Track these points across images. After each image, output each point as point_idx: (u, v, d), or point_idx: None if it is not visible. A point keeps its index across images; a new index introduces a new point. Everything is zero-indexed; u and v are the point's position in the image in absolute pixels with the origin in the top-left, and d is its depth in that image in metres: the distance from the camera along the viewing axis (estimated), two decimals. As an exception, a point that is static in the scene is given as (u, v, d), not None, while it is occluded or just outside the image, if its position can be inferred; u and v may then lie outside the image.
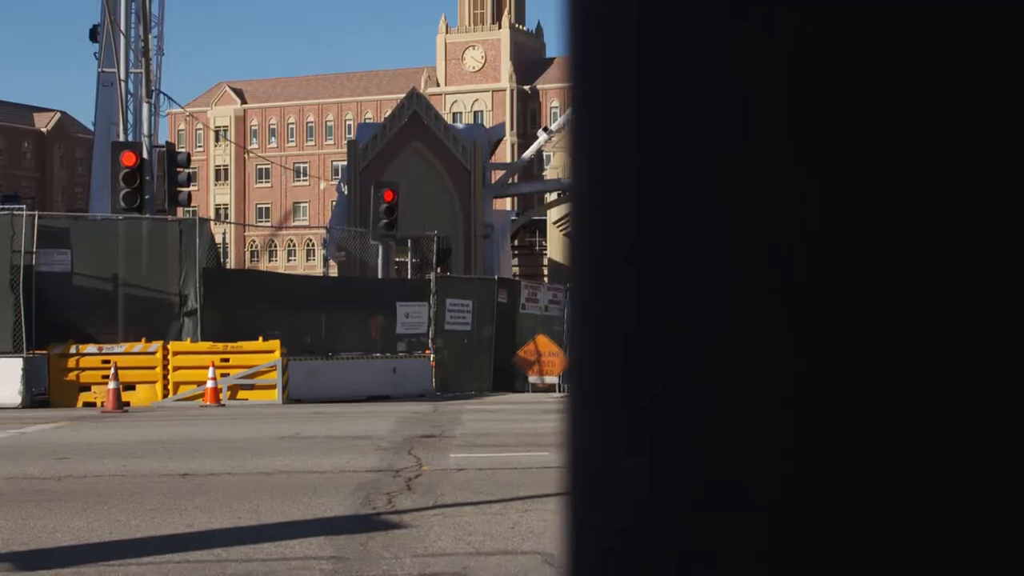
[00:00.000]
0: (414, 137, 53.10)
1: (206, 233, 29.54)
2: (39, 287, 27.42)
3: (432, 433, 18.18)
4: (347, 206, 51.56)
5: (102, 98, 39.76)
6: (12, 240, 27.29)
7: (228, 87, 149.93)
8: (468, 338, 33.93)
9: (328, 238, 41.95)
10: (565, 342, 35.07)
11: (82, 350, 27.21)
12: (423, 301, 32.88)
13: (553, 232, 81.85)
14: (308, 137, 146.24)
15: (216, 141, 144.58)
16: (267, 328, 28.44)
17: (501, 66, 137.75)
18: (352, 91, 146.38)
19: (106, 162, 34.28)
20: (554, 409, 25.27)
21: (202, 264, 28.80)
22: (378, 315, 32.29)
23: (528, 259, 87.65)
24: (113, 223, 29.61)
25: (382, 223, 35.26)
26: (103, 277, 28.69)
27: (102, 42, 38.38)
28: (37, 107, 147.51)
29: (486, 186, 53.56)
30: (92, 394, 26.82)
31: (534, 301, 35.74)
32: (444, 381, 32.58)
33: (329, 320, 31.42)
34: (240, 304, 29.27)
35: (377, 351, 31.59)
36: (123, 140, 34.87)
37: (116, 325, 28.54)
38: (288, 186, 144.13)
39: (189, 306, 28.69)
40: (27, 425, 20.33)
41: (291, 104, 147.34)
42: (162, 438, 17.77)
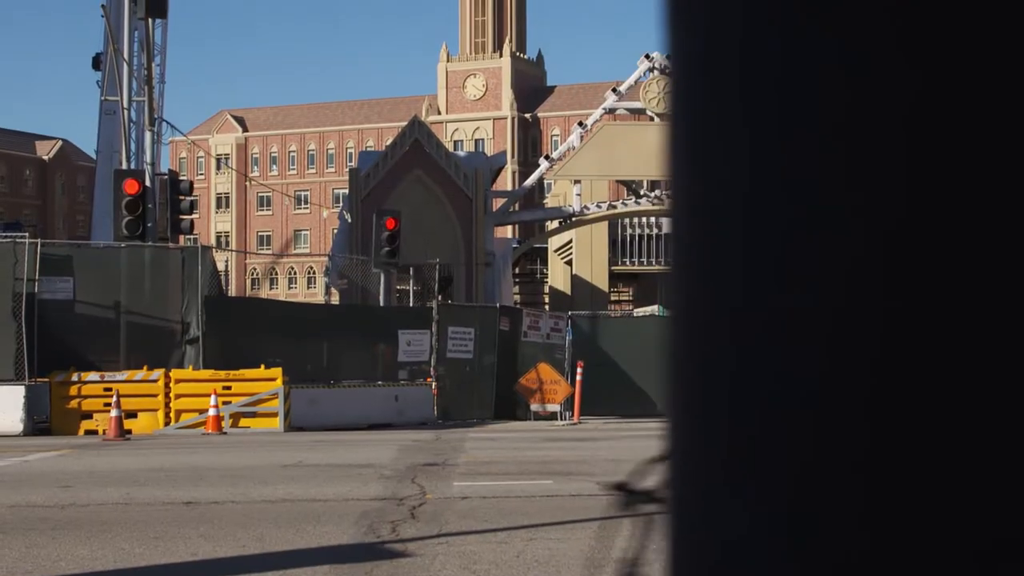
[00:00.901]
0: (416, 165, 53.13)
1: (208, 261, 29.54)
2: (41, 314, 27.41)
3: (435, 461, 18.15)
4: (349, 234, 51.58)
5: (104, 126, 39.81)
6: (15, 268, 27.29)
7: (229, 115, 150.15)
8: (470, 366, 33.88)
9: (330, 266, 41.96)
10: (566, 370, 35.08)
11: (84, 378, 27.18)
12: (425, 329, 32.85)
13: (554, 260, 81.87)
14: (309, 165, 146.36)
15: (217, 169, 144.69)
16: (269, 356, 28.42)
17: (502, 94, 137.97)
18: (353, 119, 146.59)
19: (108, 190, 34.30)
20: (557, 437, 25.24)
21: (204, 292, 28.80)
22: (382, 343, 32.27)
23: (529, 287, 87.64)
24: (115, 251, 29.61)
25: (384, 251, 35.26)
26: (105, 305, 28.68)
27: (105, 70, 38.44)
28: (39, 135, 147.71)
29: (487, 214, 53.58)
30: (94, 422, 26.78)
31: (536, 329, 35.68)
32: (446, 409, 32.53)
33: (331, 348, 31.41)
34: (242, 332, 29.26)
35: (379, 379, 31.56)
36: (125, 168, 34.90)
37: (118, 353, 28.52)
38: (289, 214, 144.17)
39: (191, 334, 28.67)
40: (29, 453, 20.30)
41: (292, 132, 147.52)
42: (165, 466, 17.75)
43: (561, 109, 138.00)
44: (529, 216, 65.03)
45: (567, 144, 55.01)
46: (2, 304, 27.23)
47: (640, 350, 36.74)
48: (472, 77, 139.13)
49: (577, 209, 54.05)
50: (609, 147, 53.24)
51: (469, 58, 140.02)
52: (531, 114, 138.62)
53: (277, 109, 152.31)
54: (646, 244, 77.35)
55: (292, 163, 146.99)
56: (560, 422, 32.16)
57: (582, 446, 21.88)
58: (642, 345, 37.06)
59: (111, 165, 38.01)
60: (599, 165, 53.67)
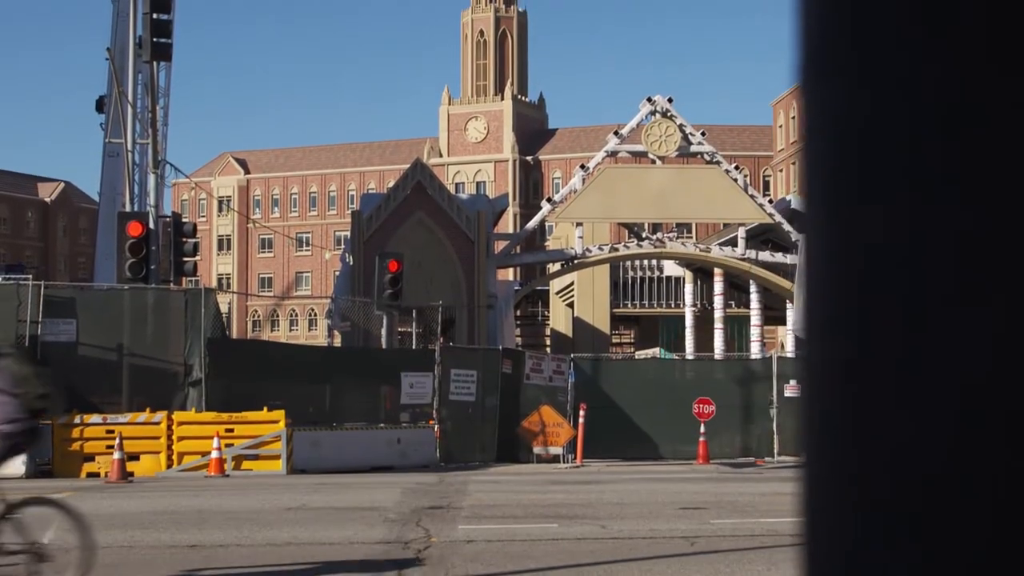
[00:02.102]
0: (418, 207, 53.18)
1: (212, 303, 29.53)
2: (44, 357, 27.36)
3: (439, 504, 18.09)
4: (351, 276, 51.58)
5: (108, 168, 39.93)
6: (18, 309, 27.30)
7: (232, 157, 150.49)
8: (472, 408, 33.82)
9: (333, 308, 41.95)
10: (569, 412, 35.01)
11: (86, 420, 27.13)
12: (427, 371, 32.80)
13: (556, 302, 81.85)
14: (311, 207, 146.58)
15: (219, 211, 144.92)
16: (272, 398, 28.37)
17: (504, 137, 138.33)
18: (355, 162, 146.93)
19: (111, 232, 34.36)
20: (560, 480, 25.17)
21: (207, 334, 28.78)
22: (384, 386, 32.22)
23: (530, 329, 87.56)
24: (118, 293, 29.63)
25: (387, 293, 35.26)
26: (108, 347, 28.67)
27: (109, 113, 38.60)
28: (41, 177, 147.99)
29: (489, 256, 53.58)
30: (96, 464, 26.71)
31: (538, 371, 35.63)
32: (448, 452, 32.46)
33: (334, 390, 31.38)
34: (245, 374, 29.23)
35: (381, 421, 31.51)
36: (129, 210, 34.98)
37: (120, 395, 28.50)
38: (291, 256, 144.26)
39: (194, 376, 28.63)
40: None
41: (294, 174, 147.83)
42: (168, 509, 17.69)
43: (562, 152, 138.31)
44: (531, 258, 65.06)
45: (569, 187, 55.05)
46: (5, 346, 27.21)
47: (642, 393, 36.70)
48: (474, 120, 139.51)
49: (579, 251, 54.06)
50: (611, 190, 53.29)
51: (471, 101, 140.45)
52: (532, 156, 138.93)
53: (279, 151, 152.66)
54: (647, 287, 77.35)
55: (294, 205, 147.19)
56: (563, 465, 32.07)
57: (586, 489, 21.81)
58: (644, 388, 37.02)
59: (114, 207, 38.11)
60: (601, 208, 53.71)
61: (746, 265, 55.29)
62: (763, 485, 23.31)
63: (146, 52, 32.45)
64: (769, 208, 54.94)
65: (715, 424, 35.23)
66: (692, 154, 54.79)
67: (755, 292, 64.75)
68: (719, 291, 68.66)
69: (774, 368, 37.16)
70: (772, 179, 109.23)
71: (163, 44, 31.74)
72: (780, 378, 36.81)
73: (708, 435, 34.56)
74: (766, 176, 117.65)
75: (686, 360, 50.93)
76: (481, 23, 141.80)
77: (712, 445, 34.78)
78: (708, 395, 35.52)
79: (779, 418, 36.44)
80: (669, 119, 53.61)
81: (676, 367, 42.49)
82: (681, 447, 35.62)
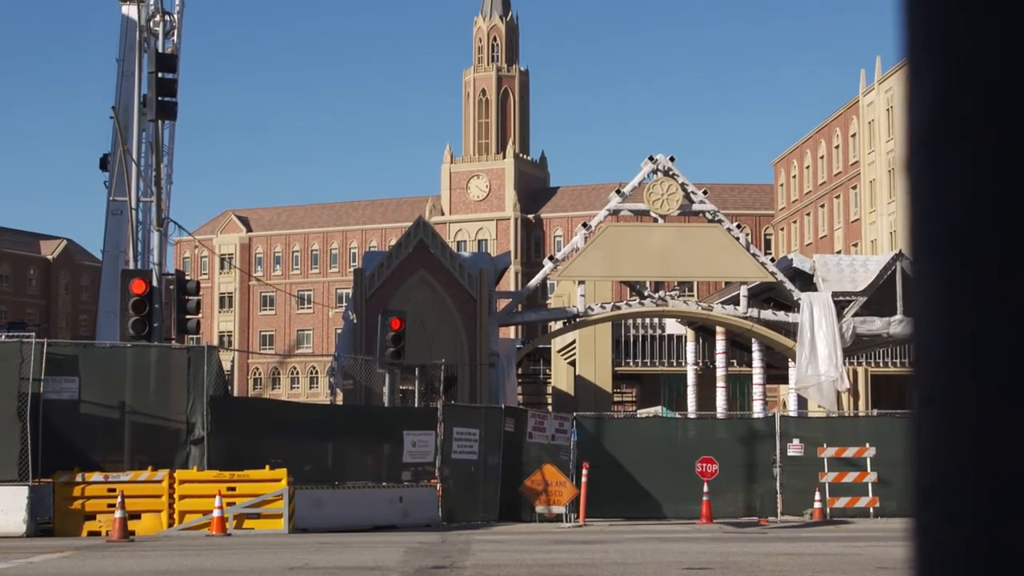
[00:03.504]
0: (420, 265, 53.23)
1: (214, 361, 29.49)
2: (46, 414, 27.34)
3: (443, 564, 18.00)
4: (353, 334, 51.57)
5: (111, 226, 39.98)
6: (20, 367, 27.25)
7: (234, 215, 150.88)
8: (475, 467, 33.75)
9: (335, 366, 41.88)
10: (571, 471, 34.91)
11: (88, 478, 27.05)
12: (430, 430, 32.74)
13: (557, 360, 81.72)
14: (313, 265, 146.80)
15: (221, 268, 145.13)
16: (274, 456, 28.30)
17: (505, 195, 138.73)
18: (357, 219, 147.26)
19: (114, 289, 34.40)
20: (563, 540, 25.05)
21: (210, 392, 28.73)
22: (386, 444, 32.16)
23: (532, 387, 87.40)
24: (121, 350, 29.62)
25: (389, 351, 35.24)
26: (110, 405, 28.61)
27: (113, 171, 38.72)
28: (44, 235, 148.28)
29: (491, 314, 53.57)
30: (97, 523, 26.62)
31: (541, 430, 35.58)
32: (451, 511, 32.35)
33: (336, 448, 31.31)
34: (247, 432, 29.18)
35: (384, 480, 31.42)
36: (132, 268, 35.01)
37: (122, 453, 28.42)
38: (292, 314, 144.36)
39: (196, 434, 28.56)
40: (33, 555, 20.16)
41: (296, 232, 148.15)
42: (171, 568, 17.61)
43: (564, 210, 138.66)
44: (533, 317, 65.04)
45: (571, 245, 55.10)
46: (7, 404, 27.14)
47: (645, 452, 36.64)
48: (475, 178, 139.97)
49: (581, 310, 54.05)
50: (613, 248, 53.35)
51: (472, 159, 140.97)
52: (534, 215, 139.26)
53: (281, 209, 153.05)
54: (649, 345, 77.27)
55: (296, 263, 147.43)
56: (566, 524, 31.95)
57: (590, 549, 21.71)
58: (647, 447, 36.96)
59: (117, 265, 38.15)
60: (603, 266, 53.75)
61: (748, 323, 55.25)
62: (768, 545, 23.20)
63: (151, 111, 32.65)
64: (771, 267, 54.97)
65: (718, 483, 35.11)
66: (694, 213, 54.90)
67: (757, 351, 64.65)
68: (721, 349, 68.55)
69: (777, 427, 37.09)
70: (773, 238, 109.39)
71: (168, 103, 31.94)
72: (783, 437, 36.74)
73: (711, 494, 34.44)
74: (767, 235, 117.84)
75: (688, 419, 50.81)
76: (483, 82, 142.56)
77: (715, 504, 34.65)
78: (711, 454, 35.44)
79: (782, 477, 36.32)
80: (671, 178, 53.75)
81: (678, 426, 42.42)
82: (684, 506, 35.51)
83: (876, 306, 54.89)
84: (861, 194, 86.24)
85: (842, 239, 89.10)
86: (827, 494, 36.03)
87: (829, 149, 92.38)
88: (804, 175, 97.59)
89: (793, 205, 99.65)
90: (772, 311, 55.42)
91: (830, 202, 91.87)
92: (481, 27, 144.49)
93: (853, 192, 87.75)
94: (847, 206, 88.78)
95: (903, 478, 36.61)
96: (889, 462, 36.31)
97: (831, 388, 52.74)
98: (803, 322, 53.22)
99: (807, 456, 36.31)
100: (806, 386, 53.45)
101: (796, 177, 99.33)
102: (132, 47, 40.31)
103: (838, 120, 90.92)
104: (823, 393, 52.73)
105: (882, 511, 36.17)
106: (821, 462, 36.02)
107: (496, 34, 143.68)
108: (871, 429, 38.73)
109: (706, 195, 54.85)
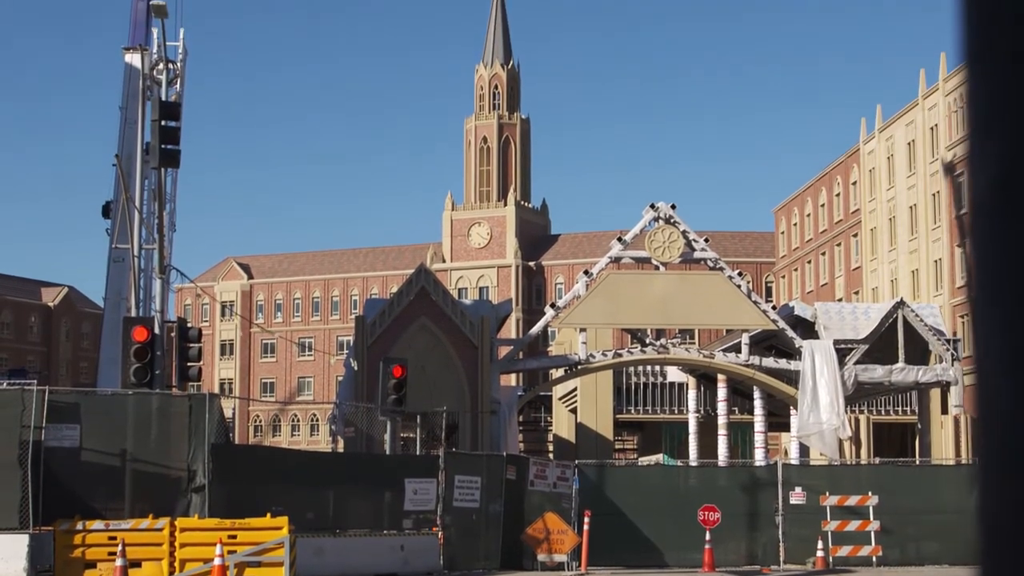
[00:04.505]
0: (421, 312, 53.28)
1: (216, 408, 29.45)
2: (47, 462, 27.26)
3: (444, 613, 17.93)
4: (354, 381, 51.58)
5: (113, 273, 40.06)
6: (22, 415, 27.21)
7: (235, 262, 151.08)
8: (476, 515, 33.65)
9: (336, 413, 41.85)
10: (573, 519, 34.81)
11: (88, 526, 26.93)
12: (431, 477, 32.68)
13: (559, 408, 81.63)
14: (314, 312, 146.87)
15: (223, 316, 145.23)
16: (275, 504, 28.21)
17: (507, 242, 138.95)
18: (358, 267, 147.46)
19: (115, 337, 34.41)
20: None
21: (211, 439, 28.67)
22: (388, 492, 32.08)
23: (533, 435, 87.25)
24: (123, 398, 29.58)
25: (391, 399, 35.21)
26: (111, 452, 28.54)
27: (116, 219, 38.83)
28: (45, 282, 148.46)
29: (493, 361, 53.56)
30: (98, 571, 26.49)
31: (543, 478, 35.50)
32: (452, 559, 32.25)
33: (337, 496, 31.23)
34: (248, 480, 29.11)
35: (385, 527, 31.33)
36: (134, 315, 35.04)
37: (123, 500, 28.32)
38: (293, 361, 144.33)
39: (197, 482, 28.48)
40: (33, 603, 20.06)
41: (297, 279, 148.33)
42: (171, 617, 17.53)
43: (565, 257, 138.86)
44: (535, 364, 65.01)
45: (572, 292, 55.17)
46: (8, 451, 27.09)
47: (647, 499, 36.56)
48: (477, 225, 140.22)
49: (582, 357, 54.04)
50: (614, 296, 53.41)
51: (474, 207, 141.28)
52: (535, 262, 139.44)
53: (282, 256, 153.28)
54: (651, 392, 77.22)
55: (297, 310, 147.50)
56: (567, 572, 31.85)
57: (592, 597, 21.63)
58: (649, 494, 36.88)
59: (118, 312, 38.21)
60: (604, 313, 53.80)
61: (750, 371, 55.22)
62: (770, 594, 23.13)
63: (154, 159, 32.77)
64: (772, 314, 54.99)
65: (720, 531, 35.03)
66: (695, 260, 54.97)
67: (759, 398, 64.60)
68: (722, 397, 68.50)
69: (779, 475, 37.01)
70: (774, 285, 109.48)
71: (171, 151, 32.06)
72: (785, 485, 36.65)
73: (713, 542, 34.35)
74: (768, 282, 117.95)
75: (690, 467, 50.72)
76: (484, 130, 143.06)
77: (718, 552, 34.55)
78: (713, 502, 35.37)
79: (785, 525, 36.22)
80: (672, 225, 53.86)
81: (680, 474, 42.33)
82: (686, 554, 35.40)
83: (878, 354, 54.88)
84: (862, 242, 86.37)
85: (843, 287, 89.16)
86: (830, 543, 35.91)
87: (830, 197, 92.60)
88: (805, 223, 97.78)
89: (794, 253, 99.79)
90: (774, 359, 55.40)
91: (831, 250, 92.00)
92: (483, 75, 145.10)
93: (854, 240, 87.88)
94: (848, 254, 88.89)
95: (906, 527, 36.57)
96: (892, 510, 36.23)
97: (833, 436, 52.66)
98: (805, 370, 53.19)
99: (809, 504, 36.21)
100: (808, 434, 53.37)
101: (797, 225, 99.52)
102: (135, 95, 40.55)
103: (839, 168, 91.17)
104: (825, 441, 52.64)
105: (885, 560, 36.05)
106: (823, 510, 35.92)
107: (497, 82, 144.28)
108: (873, 477, 38.65)
109: (707, 243, 54.95)
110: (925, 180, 76.70)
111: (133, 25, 42.84)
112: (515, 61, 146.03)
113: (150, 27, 41.80)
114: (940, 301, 71.57)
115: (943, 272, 74.07)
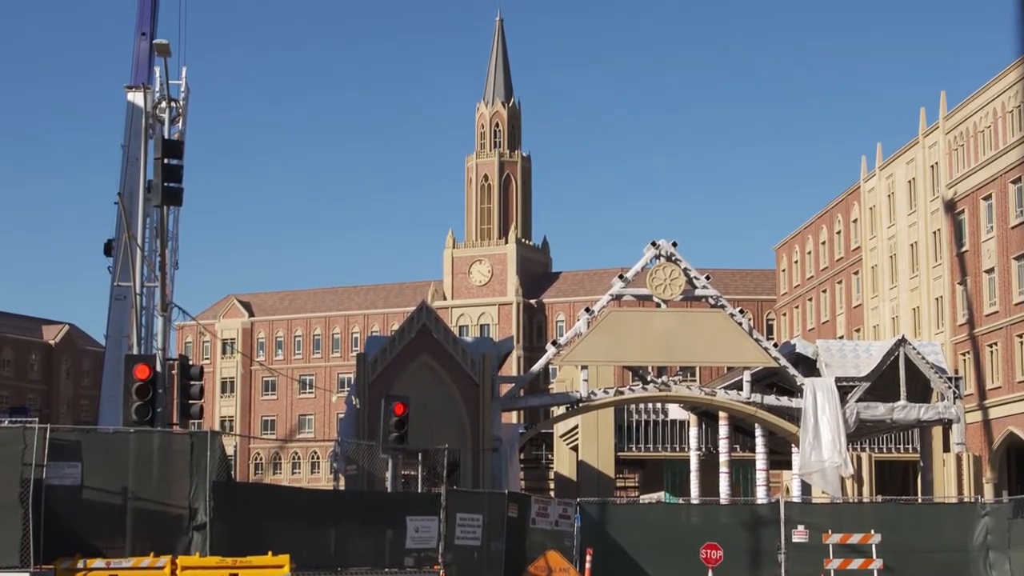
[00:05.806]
0: (423, 350, 53.32)
1: (217, 446, 29.40)
2: (48, 500, 27.18)
3: (447, 651, 17.88)
4: (355, 419, 51.58)
5: (115, 311, 40.10)
6: (23, 453, 27.15)
7: (236, 299, 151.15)
8: (478, 553, 33.57)
9: (338, 451, 41.80)
10: (575, 557, 34.71)
11: (90, 564, 26.85)
12: (433, 515, 32.62)
13: (560, 445, 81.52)
14: (315, 349, 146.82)
15: (224, 353, 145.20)
16: (277, 542, 28.14)
17: (508, 280, 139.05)
18: (359, 304, 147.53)
19: (117, 374, 34.43)
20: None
21: (212, 477, 28.61)
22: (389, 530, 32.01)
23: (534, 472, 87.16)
24: (124, 436, 29.52)
25: (392, 436, 35.18)
26: (112, 490, 28.45)
27: (117, 257, 38.89)
28: (46, 319, 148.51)
29: (494, 399, 53.56)
30: (98, 610, 26.40)
31: (544, 516, 35.44)
32: (453, 597, 32.15)
33: (339, 534, 31.15)
34: (250, 518, 29.05)
35: (386, 565, 31.24)
36: (136, 352, 35.05)
37: (124, 538, 28.23)
38: (294, 398, 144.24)
39: (198, 520, 28.41)
40: (34, 641, 20.01)
41: (298, 317, 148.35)
42: (173, 656, 17.48)
43: (566, 295, 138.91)
44: (536, 402, 65.00)
45: (574, 330, 55.21)
46: (9, 490, 27.01)
47: (649, 537, 36.48)
48: (478, 263, 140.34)
49: (584, 395, 54.04)
50: (616, 333, 53.45)
51: (475, 244, 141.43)
52: (536, 300, 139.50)
53: (283, 294, 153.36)
54: (652, 430, 77.19)
55: (298, 348, 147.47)
56: (569, 611, 31.73)
57: (594, 636, 21.57)
58: (651, 532, 36.79)
59: (120, 350, 38.23)
60: (606, 351, 53.83)
61: (751, 409, 55.20)
62: (773, 632, 23.08)
63: (156, 197, 32.84)
64: (774, 352, 55.01)
65: (723, 569, 34.95)
66: (696, 298, 55.02)
67: (760, 436, 64.58)
68: (724, 435, 68.48)
69: (781, 513, 36.93)
70: (775, 322, 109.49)
71: (174, 189, 32.13)
72: (787, 523, 36.57)
73: (716, 581, 34.25)
74: (769, 320, 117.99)
75: (692, 504, 50.64)
76: (485, 167, 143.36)
77: (720, 591, 34.44)
78: (714, 540, 35.31)
79: (787, 564, 36.11)
80: (673, 263, 53.93)
81: (682, 512, 42.25)
82: (688, 593, 35.29)
83: (879, 391, 54.86)
84: (863, 279, 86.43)
85: (844, 324, 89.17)
86: (832, 581, 35.79)
87: (831, 235, 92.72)
88: (806, 260, 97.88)
89: (795, 290, 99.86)
90: (775, 396, 55.38)
91: (832, 287, 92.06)
92: (484, 113, 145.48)
93: (855, 277, 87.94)
94: (849, 291, 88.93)
95: (908, 565, 36.43)
96: (894, 548, 36.13)
97: (835, 474, 52.60)
98: (806, 407, 53.17)
99: (812, 542, 36.12)
100: (810, 471, 53.30)
101: (798, 262, 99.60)
102: (137, 133, 40.70)
103: (839, 206, 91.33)
104: (827, 479, 52.57)
105: (888, 598, 35.91)
106: (826, 548, 35.83)
107: (499, 120, 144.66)
108: (876, 515, 38.57)
109: (709, 280, 55.02)
110: (926, 218, 76.80)
111: (136, 63, 43.06)
112: (516, 99, 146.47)
113: (153, 65, 42.00)
114: (942, 339, 71.56)
115: (944, 310, 74.06)
